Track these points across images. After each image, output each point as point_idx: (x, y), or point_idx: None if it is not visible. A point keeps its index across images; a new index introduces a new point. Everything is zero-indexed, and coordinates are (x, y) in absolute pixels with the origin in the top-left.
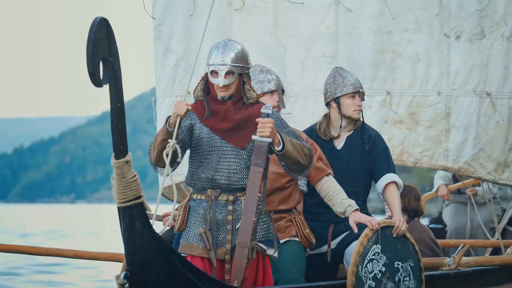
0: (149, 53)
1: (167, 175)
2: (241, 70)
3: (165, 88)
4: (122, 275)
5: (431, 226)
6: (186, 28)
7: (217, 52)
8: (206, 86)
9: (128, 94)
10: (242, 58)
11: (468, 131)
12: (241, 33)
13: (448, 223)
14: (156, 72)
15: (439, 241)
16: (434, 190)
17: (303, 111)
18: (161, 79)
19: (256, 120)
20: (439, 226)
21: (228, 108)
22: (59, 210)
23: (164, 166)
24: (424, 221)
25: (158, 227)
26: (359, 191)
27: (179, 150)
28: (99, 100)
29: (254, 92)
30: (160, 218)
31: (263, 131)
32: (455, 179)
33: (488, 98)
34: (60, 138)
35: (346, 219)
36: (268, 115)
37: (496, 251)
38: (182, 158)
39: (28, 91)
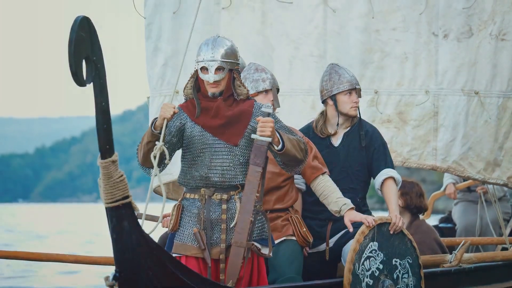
0: None
1: (155, 175)
2: (231, 66)
3: (155, 87)
4: (111, 276)
5: (441, 225)
6: (173, 27)
7: (207, 48)
8: (196, 83)
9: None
10: (231, 54)
11: (456, 130)
12: (229, 32)
13: (458, 221)
14: (147, 72)
15: (446, 239)
16: (442, 189)
17: (290, 111)
18: (151, 79)
19: (257, 119)
20: (449, 225)
21: (219, 104)
22: (81, 210)
23: (150, 167)
24: (434, 220)
25: (149, 227)
26: (357, 188)
27: (166, 152)
28: (120, 99)
29: (245, 88)
30: (150, 218)
31: (264, 130)
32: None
33: (476, 97)
34: (81, 137)
35: None
36: (268, 114)
37: (507, 250)
38: (169, 160)
39: (49, 91)
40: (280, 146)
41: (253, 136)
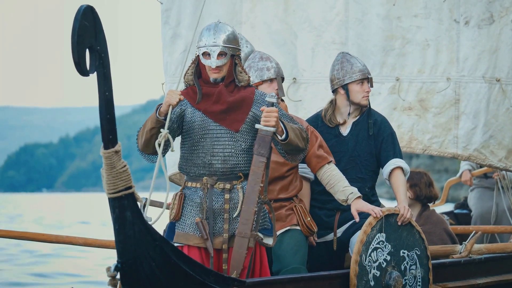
0: None
1: (162, 157)
2: (233, 52)
3: (174, 74)
4: (113, 267)
5: (456, 211)
6: (195, 14)
7: (209, 34)
8: (197, 69)
9: None
10: (233, 39)
11: (477, 118)
12: (251, 19)
13: (473, 208)
14: (164, 58)
15: (459, 227)
16: (458, 175)
17: (313, 98)
18: (168, 65)
19: (261, 108)
20: (464, 211)
21: (221, 90)
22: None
23: (150, 153)
24: (450, 207)
25: (154, 214)
26: (366, 177)
27: (171, 140)
28: (144, 89)
29: (246, 74)
30: (155, 204)
31: (269, 120)
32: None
33: (497, 84)
34: None
35: None
36: (272, 104)
37: None
38: (173, 148)
39: (73, 81)
40: (284, 136)
41: (257, 126)
